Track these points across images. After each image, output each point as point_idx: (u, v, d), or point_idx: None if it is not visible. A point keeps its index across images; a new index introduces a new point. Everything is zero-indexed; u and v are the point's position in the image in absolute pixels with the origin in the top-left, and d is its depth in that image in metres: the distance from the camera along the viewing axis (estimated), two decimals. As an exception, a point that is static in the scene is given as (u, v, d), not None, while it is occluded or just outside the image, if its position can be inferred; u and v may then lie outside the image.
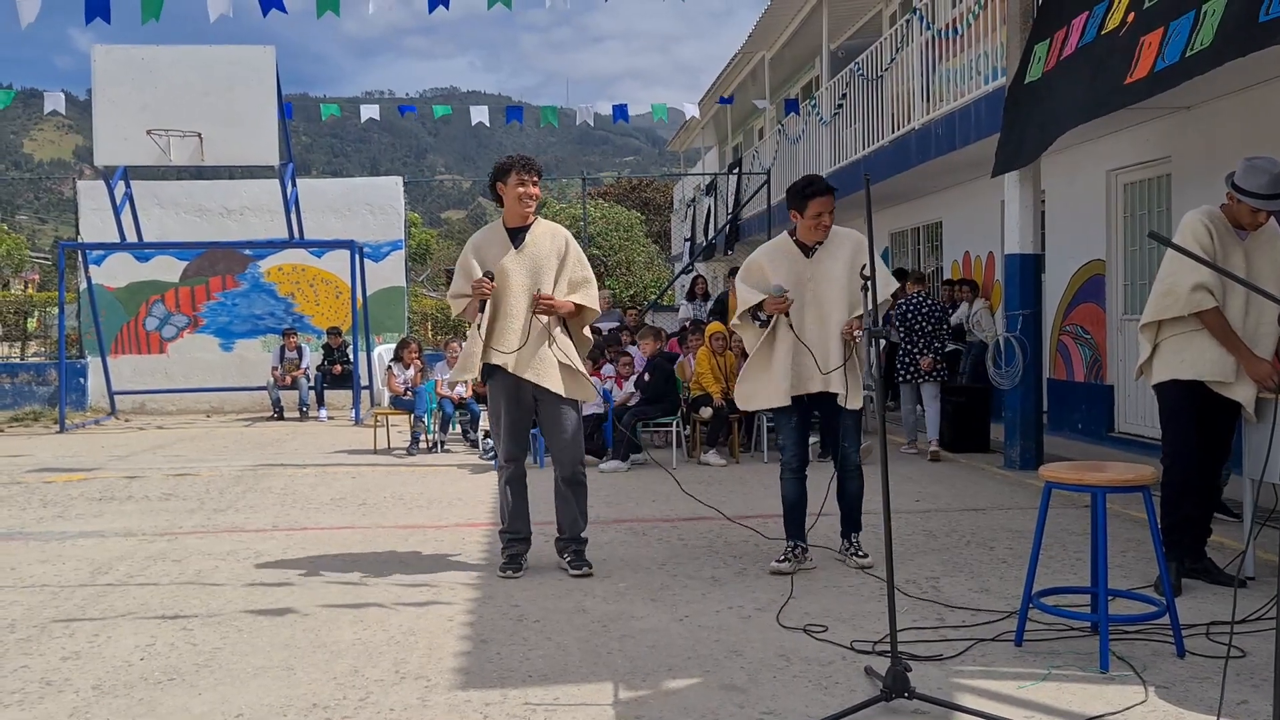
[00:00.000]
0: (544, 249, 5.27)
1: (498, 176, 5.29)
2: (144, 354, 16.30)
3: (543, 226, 5.36)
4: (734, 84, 20.72)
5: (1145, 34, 6.01)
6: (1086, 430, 9.93)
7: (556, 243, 5.32)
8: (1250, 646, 3.91)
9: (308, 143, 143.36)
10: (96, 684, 3.73)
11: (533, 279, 5.21)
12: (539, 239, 5.29)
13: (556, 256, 5.29)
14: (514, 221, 5.31)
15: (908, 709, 3.34)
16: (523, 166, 5.24)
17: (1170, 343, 4.73)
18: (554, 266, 5.26)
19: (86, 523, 6.87)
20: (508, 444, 5.34)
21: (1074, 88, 6.90)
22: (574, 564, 5.26)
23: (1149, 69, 5.93)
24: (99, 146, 12.47)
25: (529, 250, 5.25)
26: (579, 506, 5.35)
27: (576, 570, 5.22)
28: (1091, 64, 6.70)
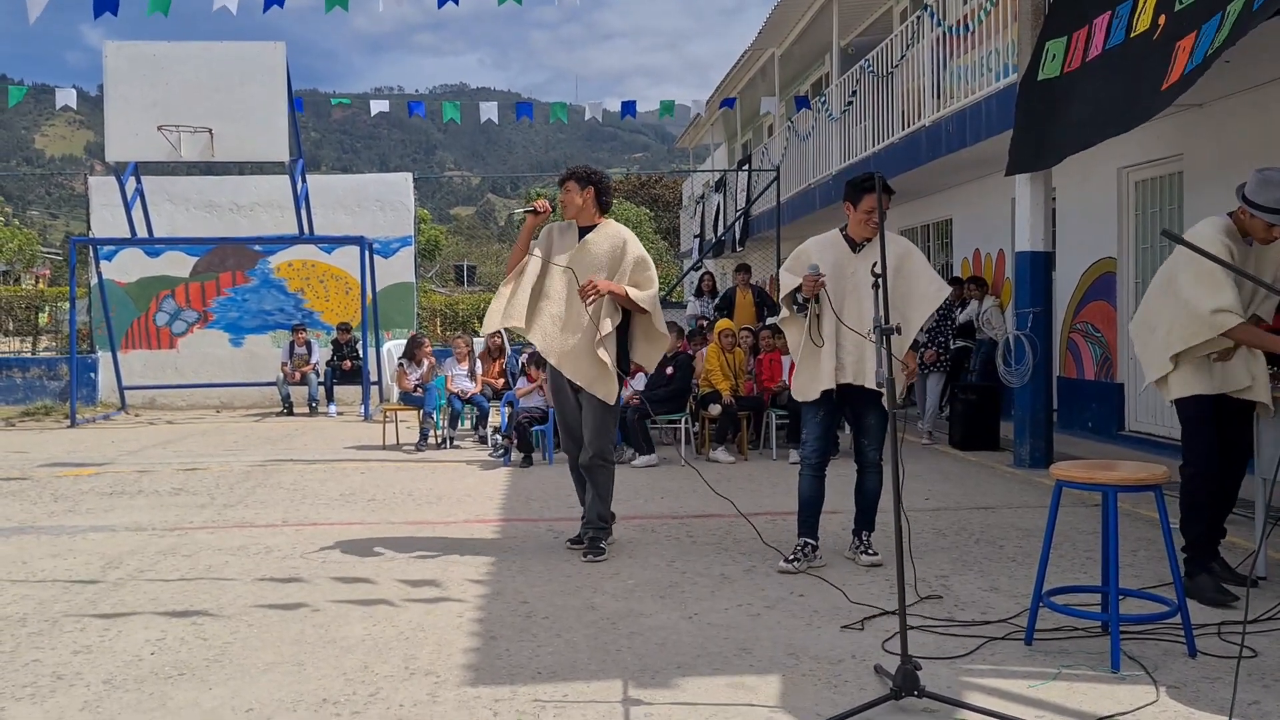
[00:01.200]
0: (600, 250, 5.55)
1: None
2: (154, 349, 16.34)
3: (605, 230, 5.63)
4: (743, 81, 20.69)
5: (1180, 39, 5.99)
6: (1097, 429, 9.90)
7: (614, 244, 5.57)
8: (1262, 646, 3.90)
9: (317, 139, 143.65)
10: (107, 678, 3.74)
11: (582, 275, 5.46)
12: (596, 241, 5.58)
13: (610, 256, 5.53)
14: (567, 218, 5.69)
15: (917, 707, 3.33)
16: (569, 177, 5.64)
17: (1194, 361, 4.60)
18: (607, 265, 5.52)
19: (97, 517, 6.89)
20: (561, 435, 5.84)
21: (1109, 91, 6.83)
22: (586, 551, 5.51)
23: (1181, 72, 5.92)
24: (110, 142, 12.50)
25: (586, 249, 5.56)
26: (597, 492, 5.59)
27: (584, 556, 5.45)
28: (1127, 68, 6.64)
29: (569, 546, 5.72)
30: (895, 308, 5.00)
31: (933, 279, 5.16)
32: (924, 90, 11.31)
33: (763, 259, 19.38)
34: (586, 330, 5.43)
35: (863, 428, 5.26)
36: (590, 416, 5.52)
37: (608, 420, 5.57)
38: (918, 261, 5.18)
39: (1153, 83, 6.25)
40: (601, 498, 5.59)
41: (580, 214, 5.61)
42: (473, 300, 26.94)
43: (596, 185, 5.60)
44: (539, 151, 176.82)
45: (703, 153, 29.62)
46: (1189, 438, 4.71)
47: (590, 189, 5.57)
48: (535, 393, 9.49)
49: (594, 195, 5.59)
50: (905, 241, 5.29)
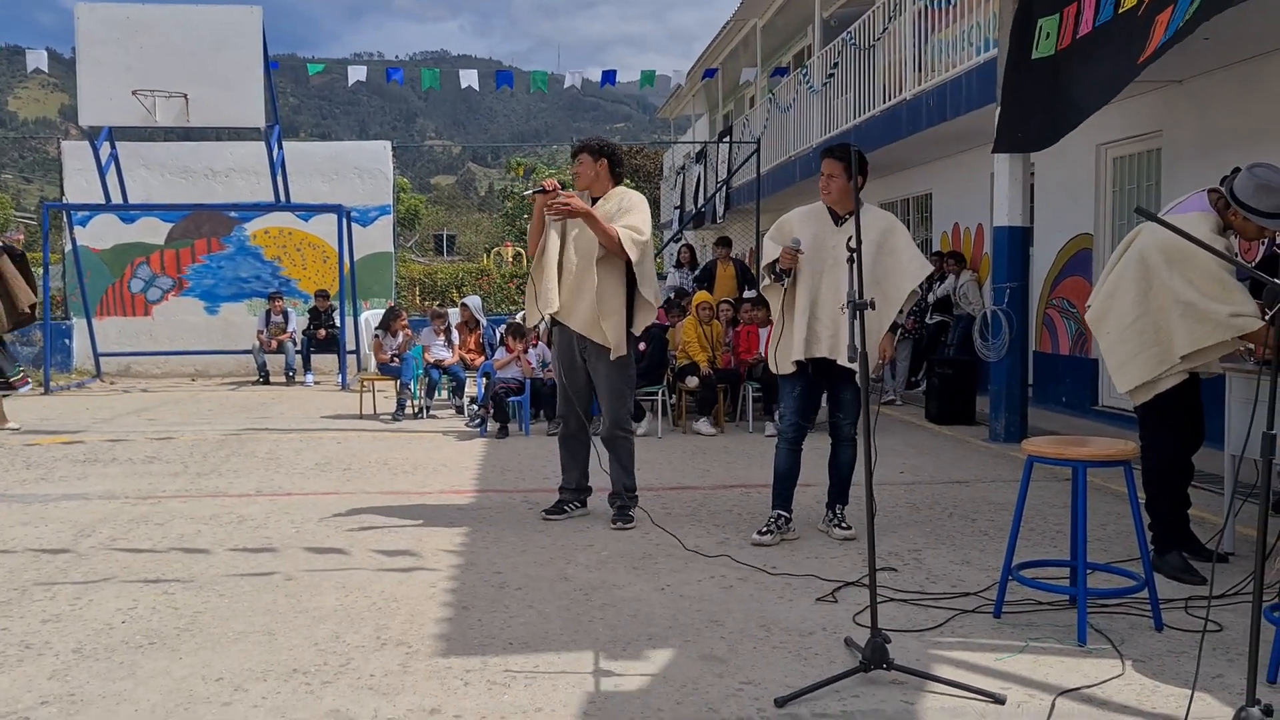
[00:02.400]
0: (606, 211, 5.56)
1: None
2: (129, 316, 16.20)
3: (612, 197, 5.68)
4: (725, 51, 20.58)
5: (1159, 13, 5.99)
6: (1071, 404, 9.97)
7: (621, 205, 5.62)
8: (1228, 621, 3.95)
9: (295, 105, 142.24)
10: (77, 647, 3.73)
11: (590, 244, 5.50)
12: (604, 209, 5.60)
13: (616, 215, 5.58)
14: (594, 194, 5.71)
15: (886, 680, 3.36)
16: (574, 152, 5.74)
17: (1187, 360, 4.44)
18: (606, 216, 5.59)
19: (69, 485, 6.85)
20: (559, 401, 5.84)
21: (1096, 69, 6.83)
22: (614, 518, 5.61)
23: (1155, 46, 5.92)
24: (83, 106, 12.32)
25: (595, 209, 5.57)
26: (621, 464, 5.69)
27: (613, 524, 5.56)
28: (1113, 44, 6.64)
29: (545, 518, 5.72)
30: (877, 283, 4.99)
31: (915, 256, 5.15)
32: (906, 63, 11.29)
33: (743, 231, 19.36)
34: (598, 292, 5.49)
35: (838, 402, 5.27)
36: (605, 386, 5.62)
37: (624, 389, 5.67)
38: (900, 238, 5.16)
39: (1132, 57, 6.25)
40: (625, 468, 5.69)
41: (594, 185, 5.67)
42: (452, 270, 26.79)
43: (610, 157, 5.68)
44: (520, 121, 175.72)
45: (684, 124, 29.52)
46: (1159, 425, 4.62)
47: (604, 160, 5.66)
48: (513, 364, 9.47)
49: (608, 167, 5.68)
50: (889, 217, 5.26)
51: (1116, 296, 4.62)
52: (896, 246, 5.12)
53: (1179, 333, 4.39)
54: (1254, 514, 5.25)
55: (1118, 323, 4.60)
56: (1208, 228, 4.42)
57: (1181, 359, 4.41)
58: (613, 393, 5.62)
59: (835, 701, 3.21)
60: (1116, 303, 4.61)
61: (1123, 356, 4.58)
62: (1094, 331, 4.80)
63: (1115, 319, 4.62)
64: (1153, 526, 4.66)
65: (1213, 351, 4.40)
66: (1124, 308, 4.57)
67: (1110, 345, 4.65)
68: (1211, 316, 4.28)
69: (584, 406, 5.75)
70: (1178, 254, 4.35)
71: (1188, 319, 4.35)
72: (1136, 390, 4.60)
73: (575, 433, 5.80)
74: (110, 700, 3.26)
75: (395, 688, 3.35)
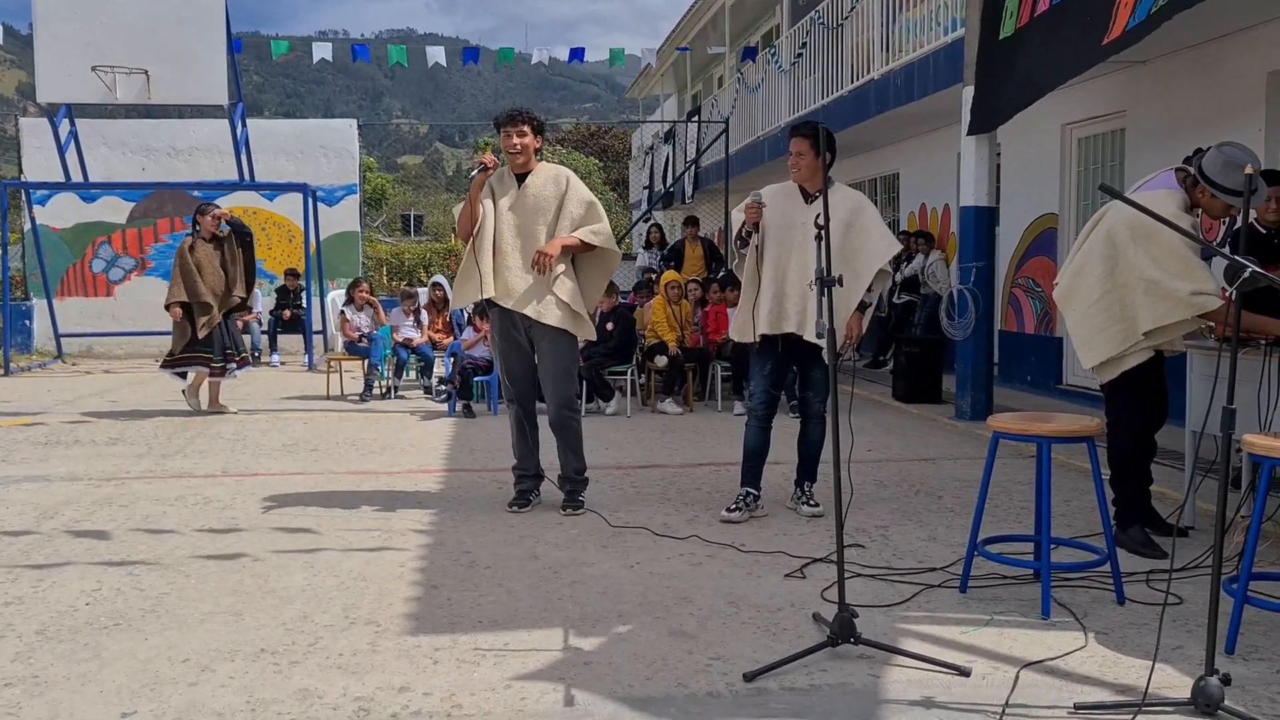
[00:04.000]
0: (544, 193, 5.36)
1: (497, 132, 5.41)
2: (91, 296, 16.00)
3: (543, 172, 5.43)
4: (694, 31, 20.52)
5: None
6: (1036, 382, 10.07)
7: (558, 185, 5.39)
8: (1188, 594, 4.01)
9: (259, 83, 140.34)
10: (40, 629, 3.69)
11: (524, 220, 5.33)
12: (537, 184, 5.38)
13: (556, 198, 5.37)
14: (516, 169, 5.41)
15: (853, 654, 3.39)
16: (507, 119, 5.34)
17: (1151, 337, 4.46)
18: (553, 208, 5.36)
19: (31, 467, 6.76)
20: (506, 384, 5.54)
21: (1056, 46, 6.86)
22: (564, 503, 5.45)
23: (1123, 28, 5.95)
24: (42, 83, 12.12)
25: (528, 193, 5.36)
26: (570, 446, 5.47)
27: (564, 509, 5.40)
28: (1071, 22, 6.68)
29: (512, 511, 5.45)
30: (846, 261, 5.00)
31: (884, 234, 5.16)
32: (873, 43, 11.30)
33: (712, 211, 19.36)
34: (549, 277, 5.29)
35: (807, 379, 5.29)
36: (552, 367, 5.36)
37: (570, 370, 5.45)
38: (870, 217, 5.17)
39: (1094, 37, 6.29)
40: (575, 450, 5.46)
41: (531, 160, 5.39)
42: (419, 250, 26.63)
43: (543, 133, 5.47)
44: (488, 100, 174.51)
45: (652, 104, 29.41)
46: (1124, 403, 4.65)
47: (539, 136, 5.42)
48: (480, 343, 9.44)
49: (540, 142, 5.46)
50: (859, 195, 5.27)
51: (1083, 274, 4.64)
52: (866, 225, 5.13)
53: (1142, 309, 4.42)
54: (1214, 489, 5.33)
55: (1084, 300, 4.62)
56: (1174, 205, 4.43)
57: (1145, 335, 4.44)
58: (561, 372, 5.39)
59: (803, 676, 3.24)
60: (1083, 280, 4.63)
61: (1088, 333, 4.61)
62: (1061, 308, 4.80)
63: (1082, 296, 4.64)
64: (1115, 502, 4.71)
65: (1175, 329, 4.43)
66: (1090, 285, 4.59)
67: (1076, 322, 4.67)
68: (1173, 294, 4.31)
69: (532, 389, 5.56)
70: (1143, 231, 4.37)
71: (1150, 296, 4.38)
72: (1102, 368, 4.63)
73: (524, 415, 5.53)
74: (75, 681, 3.23)
75: (364, 666, 3.34)
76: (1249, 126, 7.12)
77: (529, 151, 5.35)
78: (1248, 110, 7.26)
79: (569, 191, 5.37)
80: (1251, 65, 7.24)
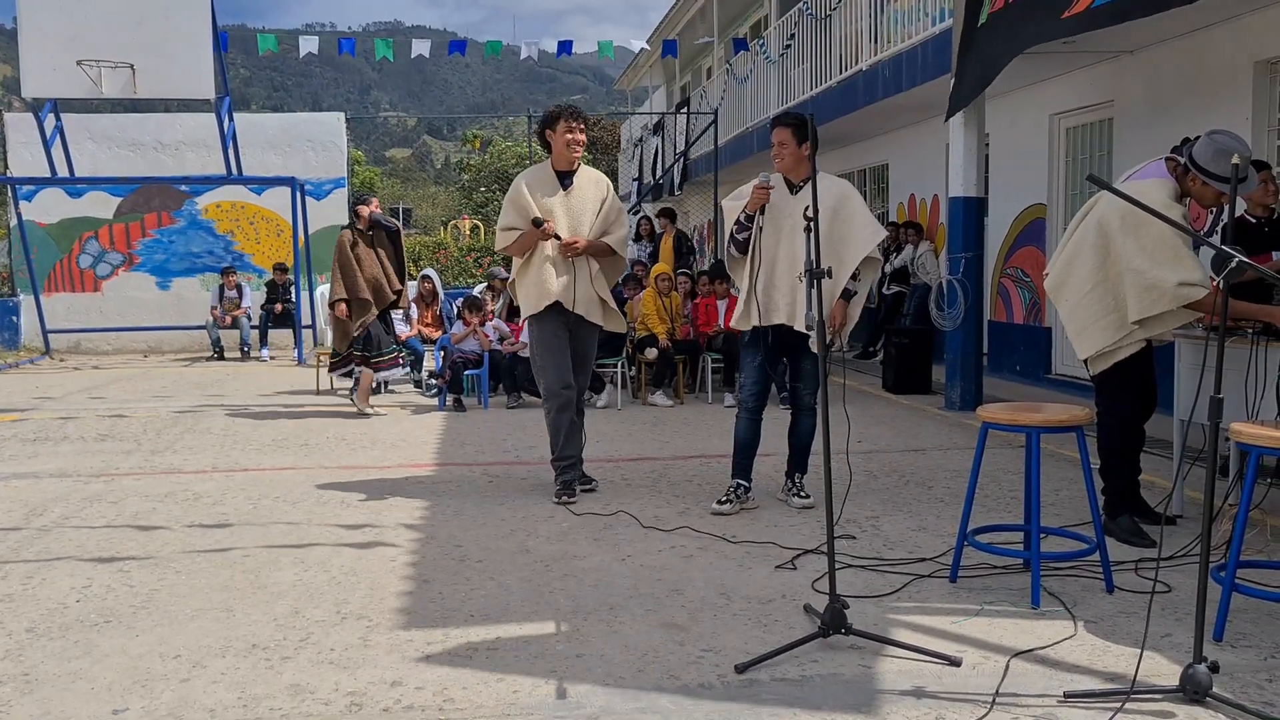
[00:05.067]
0: (588, 195, 5.60)
1: (547, 124, 5.59)
2: (78, 292, 15.92)
3: (587, 173, 5.68)
4: (682, 22, 20.48)
5: None
6: (1024, 372, 10.10)
7: (599, 189, 5.65)
8: (1176, 582, 4.03)
9: (246, 76, 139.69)
10: (30, 627, 3.68)
11: (574, 221, 5.54)
12: (584, 185, 5.61)
13: (598, 201, 5.61)
14: (561, 165, 5.59)
15: (844, 644, 3.40)
16: (571, 114, 5.52)
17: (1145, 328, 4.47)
18: (595, 210, 5.59)
19: (20, 464, 6.74)
20: (554, 375, 5.58)
21: (1017, 26, 6.91)
22: (558, 493, 5.56)
23: (1086, 5, 5.98)
24: (26, 78, 12.04)
25: (575, 194, 5.57)
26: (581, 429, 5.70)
27: (556, 499, 5.52)
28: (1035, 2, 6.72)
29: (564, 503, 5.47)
30: (831, 250, 4.99)
31: (868, 222, 5.15)
32: (862, 34, 11.30)
33: (700, 203, 19.35)
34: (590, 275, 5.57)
35: (798, 371, 5.30)
36: (584, 359, 5.73)
37: (593, 359, 5.85)
38: (855, 204, 5.16)
39: (1054, 12, 6.33)
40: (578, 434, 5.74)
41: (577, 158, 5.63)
42: (408, 243, 26.50)
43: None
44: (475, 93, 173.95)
45: (641, 95, 29.36)
46: (1115, 393, 4.66)
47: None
48: (470, 337, 9.42)
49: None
50: (844, 184, 5.26)
51: (1075, 264, 4.64)
52: (851, 213, 5.12)
53: (1130, 299, 4.42)
54: (1202, 477, 5.36)
55: (1076, 290, 4.62)
56: (1165, 194, 4.43)
57: (1136, 325, 4.44)
58: (589, 363, 5.80)
59: (795, 667, 3.25)
60: (1075, 270, 4.63)
61: (1083, 323, 4.61)
62: (1053, 298, 4.81)
63: (1074, 286, 4.64)
64: (1105, 491, 4.74)
65: (1169, 319, 4.42)
66: (1083, 275, 4.59)
67: (1069, 312, 4.67)
68: (1159, 284, 4.30)
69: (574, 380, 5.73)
70: (1133, 220, 4.37)
71: (1137, 286, 4.38)
72: (1095, 359, 4.64)
73: (572, 403, 5.63)
74: (66, 679, 3.22)
75: (356, 661, 3.34)
76: (1236, 115, 7.15)
77: (580, 144, 5.57)
78: (1235, 99, 7.28)
79: (609, 200, 5.64)
80: (1238, 54, 7.26)
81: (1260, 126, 7.12)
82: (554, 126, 5.51)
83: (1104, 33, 7.57)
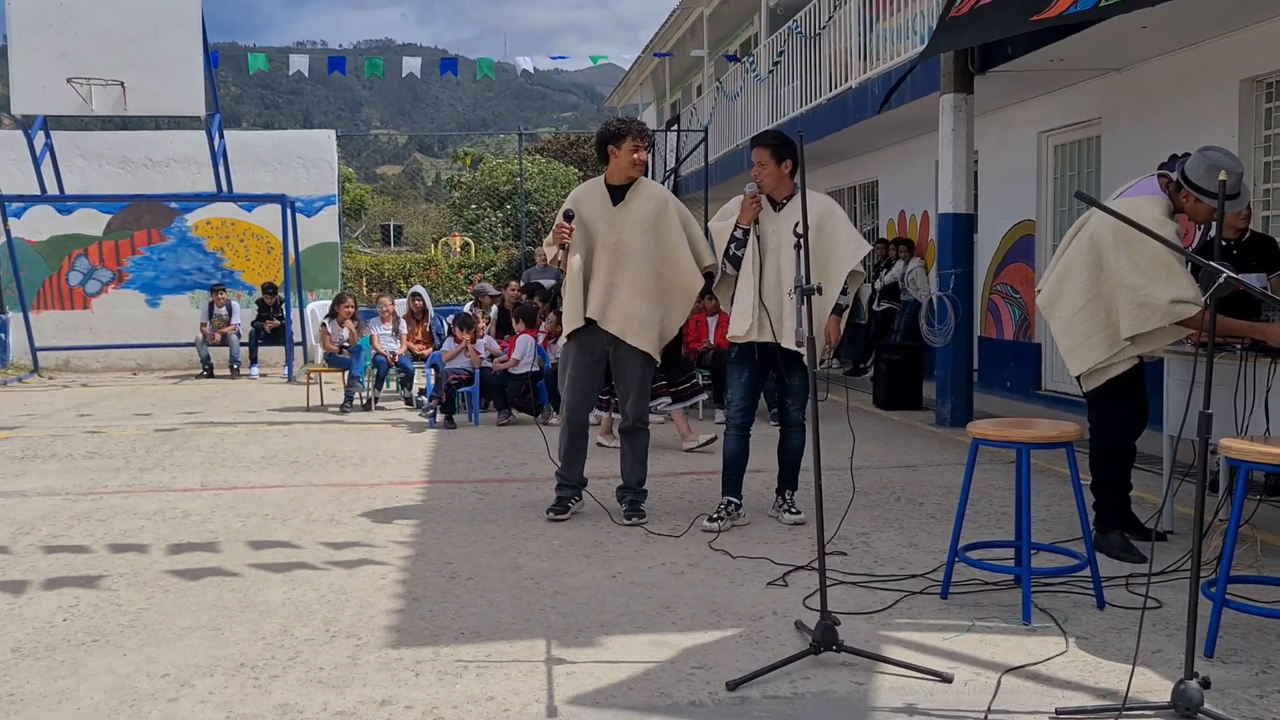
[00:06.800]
0: (640, 211, 5.41)
1: (611, 139, 5.42)
2: (67, 310, 15.89)
3: (646, 186, 5.50)
4: (672, 40, 20.56)
5: None
6: (1015, 388, 10.12)
7: (655, 203, 5.45)
8: (1167, 598, 4.03)
9: (237, 94, 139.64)
10: (16, 646, 3.65)
11: (628, 237, 5.37)
12: (640, 200, 5.44)
13: (656, 213, 5.42)
14: (618, 180, 5.45)
15: (836, 661, 3.39)
16: (639, 132, 5.41)
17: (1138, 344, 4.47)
18: (653, 226, 5.40)
19: (8, 482, 6.70)
20: (574, 394, 5.51)
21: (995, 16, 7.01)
22: (626, 513, 5.43)
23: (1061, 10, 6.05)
24: (16, 95, 12.02)
25: (629, 209, 5.42)
26: (636, 458, 5.53)
27: (626, 520, 5.38)
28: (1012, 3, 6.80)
29: (552, 519, 5.47)
30: (817, 266, 5.02)
31: (852, 237, 5.16)
32: (851, 52, 11.35)
33: (691, 220, 19.36)
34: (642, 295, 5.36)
35: (786, 387, 5.30)
36: (635, 383, 5.45)
37: (647, 388, 5.57)
38: (838, 220, 5.17)
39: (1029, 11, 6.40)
40: (641, 461, 5.54)
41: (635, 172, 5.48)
42: (399, 261, 26.55)
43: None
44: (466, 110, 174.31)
45: (632, 112, 29.44)
46: (1108, 410, 4.66)
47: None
48: (461, 355, 9.41)
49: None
50: (827, 199, 5.27)
51: (1068, 280, 4.64)
52: (834, 229, 5.14)
53: (1123, 315, 4.42)
54: (1192, 493, 5.37)
55: (1069, 306, 4.62)
56: (1159, 211, 4.43)
57: (1129, 341, 4.44)
58: (641, 386, 5.50)
59: (786, 684, 3.23)
60: (1068, 286, 4.63)
61: (1075, 339, 4.61)
62: (1045, 315, 4.80)
63: (1067, 303, 4.63)
64: (1095, 507, 4.74)
65: (1162, 336, 4.42)
66: (1075, 291, 4.59)
67: (1063, 328, 4.67)
68: (1152, 301, 4.30)
69: (595, 400, 5.69)
70: (1126, 236, 4.36)
71: (1130, 303, 4.38)
72: (1088, 376, 4.64)
73: (585, 425, 5.60)
74: (52, 699, 3.19)
75: (345, 680, 3.32)
76: (1223, 133, 7.19)
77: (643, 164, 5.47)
78: (1222, 116, 7.33)
79: (671, 208, 5.46)
80: (1225, 72, 7.31)
81: (1247, 143, 7.16)
82: (620, 143, 5.37)
83: (1092, 50, 7.66)
